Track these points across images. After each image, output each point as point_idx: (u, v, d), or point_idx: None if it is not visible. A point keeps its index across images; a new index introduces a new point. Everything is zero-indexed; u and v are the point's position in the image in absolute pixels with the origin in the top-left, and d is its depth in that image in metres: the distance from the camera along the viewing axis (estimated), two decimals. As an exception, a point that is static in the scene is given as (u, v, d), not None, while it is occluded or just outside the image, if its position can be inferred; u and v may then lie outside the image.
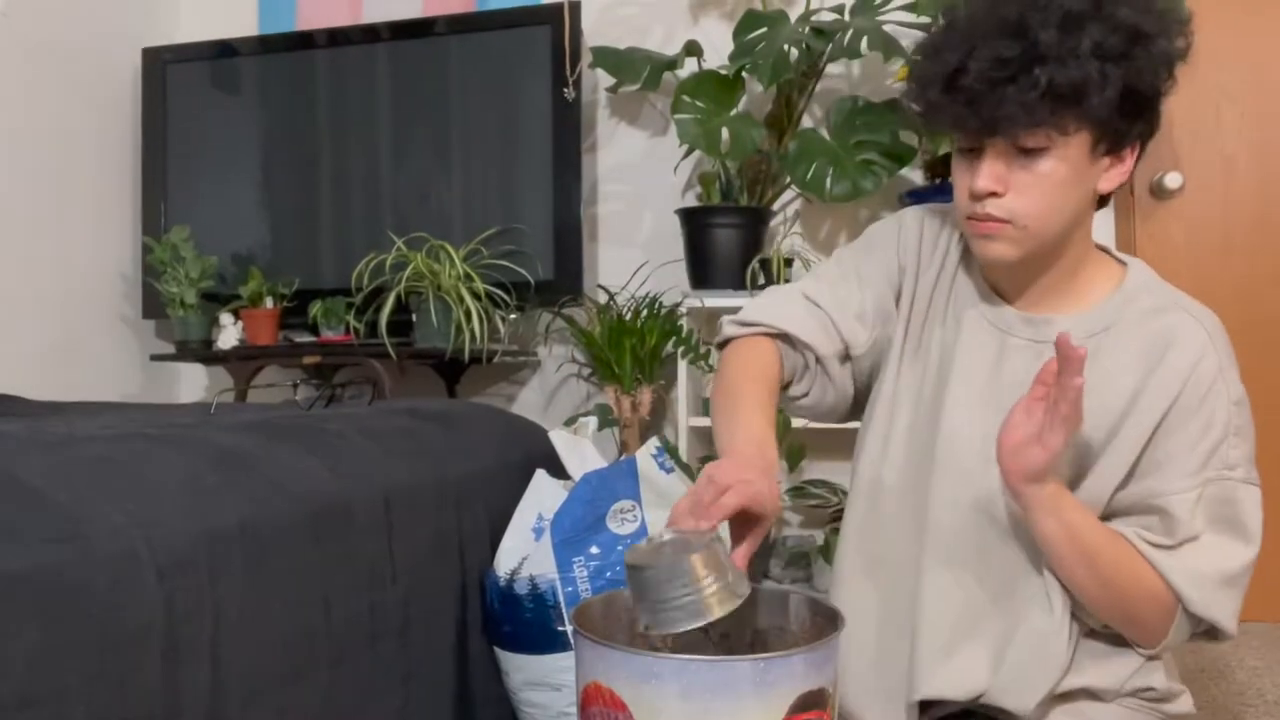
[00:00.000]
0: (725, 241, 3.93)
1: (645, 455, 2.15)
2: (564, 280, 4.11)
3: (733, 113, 3.94)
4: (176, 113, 4.68)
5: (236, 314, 4.41)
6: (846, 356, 2.02)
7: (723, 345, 2.05)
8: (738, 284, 3.85)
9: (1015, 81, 1.67)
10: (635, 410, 3.89)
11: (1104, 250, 1.95)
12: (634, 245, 4.42)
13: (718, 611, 1.49)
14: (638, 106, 4.46)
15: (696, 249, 3.98)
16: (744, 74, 3.91)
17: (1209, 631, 1.81)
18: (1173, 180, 4.04)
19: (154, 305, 4.57)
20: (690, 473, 2.83)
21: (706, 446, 3.93)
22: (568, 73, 4.09)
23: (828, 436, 4.00)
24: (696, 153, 4.13)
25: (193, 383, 4.99)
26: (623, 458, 1.93)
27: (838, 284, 2.03)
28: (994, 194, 1.76)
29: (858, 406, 2.10)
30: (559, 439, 2.34)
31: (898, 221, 2.08)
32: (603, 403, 4.13)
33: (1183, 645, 1.88)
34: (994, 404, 1.85)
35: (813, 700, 1.43)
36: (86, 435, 1.72)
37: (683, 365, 3.77)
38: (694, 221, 4.00)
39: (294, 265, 4.48)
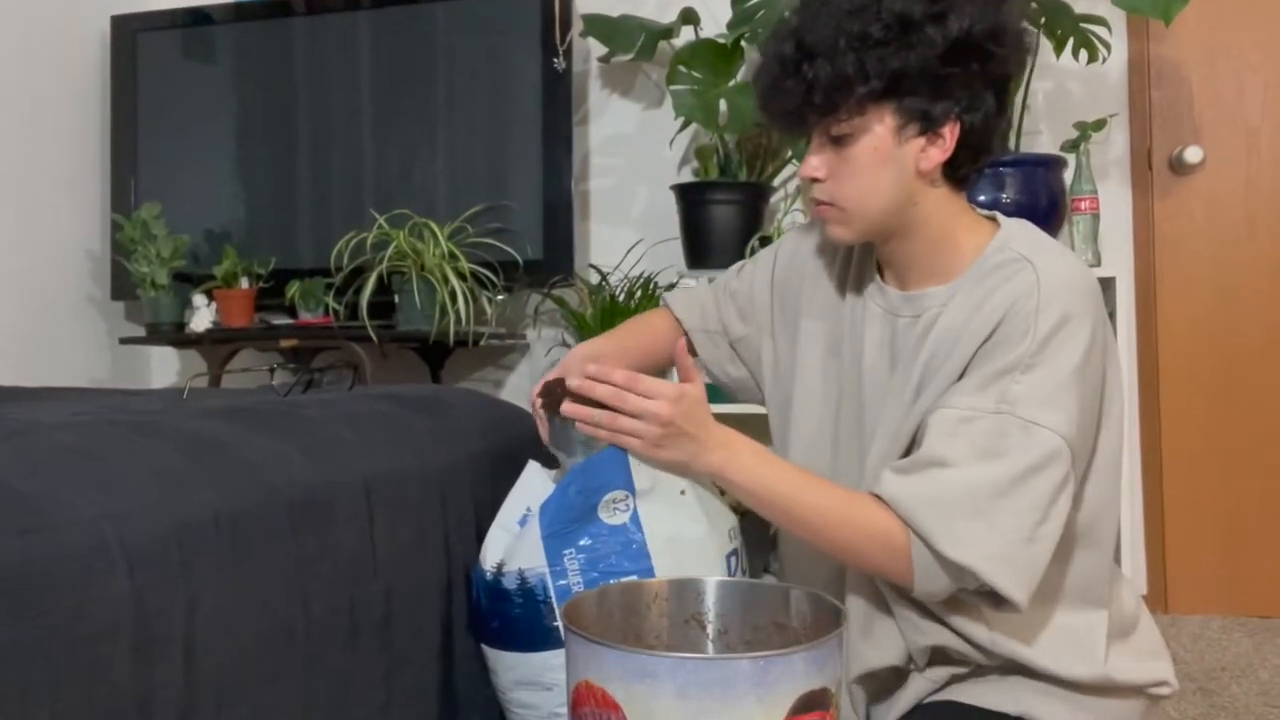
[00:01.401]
0: (723, 219, 3.94)
1: None
2: (554, 259, 4.11)
3: (731, 83, 3.93)
4: (147, 84, 4.67)
5: (210, 295, 4.41)
6: (724, 335, 2.33)
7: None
8: (736, 262, 3.84)
9: (790, 79, 1.88)
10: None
11: (989, 218, 2.02)
12: (627, 223, 4.42)
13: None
14: (631, 77, 4.46)
15: (693, 226, 3.99)
16: (743, 43, 3.91)
17: (991, 593, 1.82)
18: (1193, 154, 4.04)
19: (124, 286, 4.57)
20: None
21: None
22: (558, 42, 4.09)
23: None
24: (693, 126, 4.13)
25: (164, 367, 4.99)
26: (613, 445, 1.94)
27: (737, 277, 2.34)
28: (816, 179, 1.95)
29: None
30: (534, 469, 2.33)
31: (783, 238, 2.31)
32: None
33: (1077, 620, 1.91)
34: (900, 386, 1.96)
35: (815, 700, 1.43)
36: (53, 422, 1.72)
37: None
38: (690, 198, 4.00)
39: (270, 244, 4.49)
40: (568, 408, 1.92)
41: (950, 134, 1.88)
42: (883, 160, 1.88)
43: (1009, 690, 1.93)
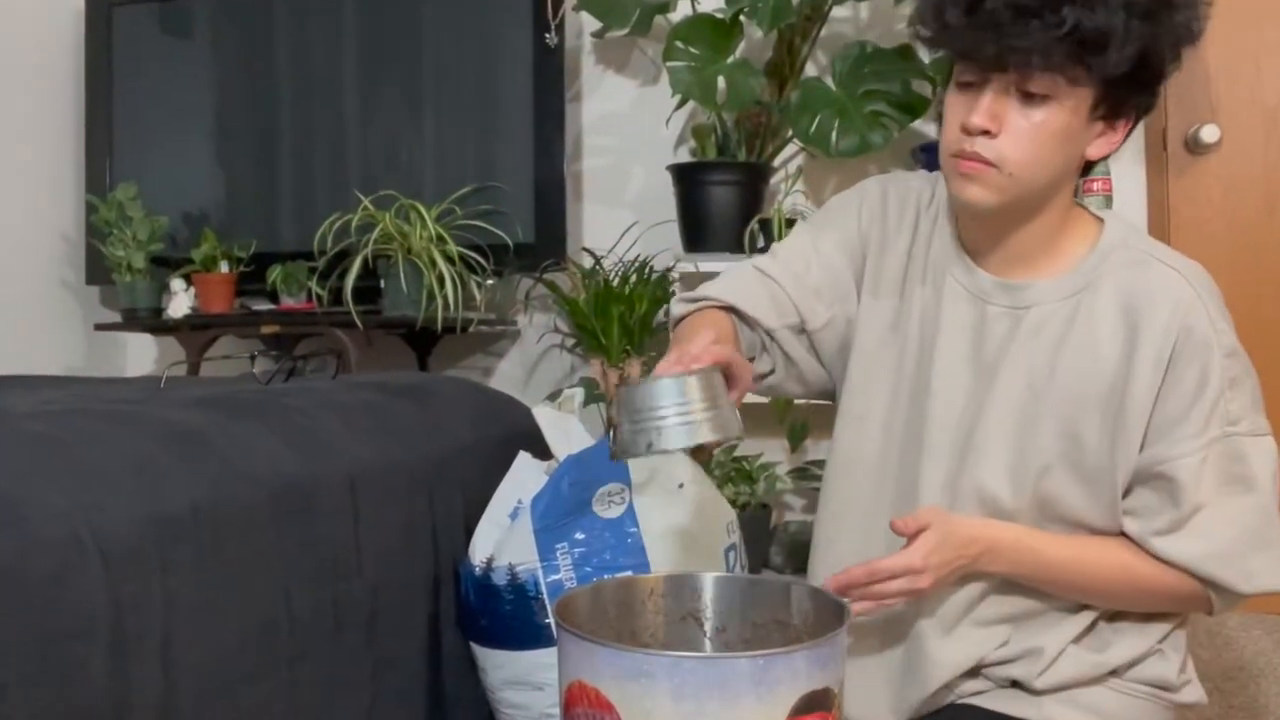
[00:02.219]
0: (722, 200, 3.93)
1: None
2: (546, 243, 4.10)
3: (730, 60, 3.92)
4: (123, 60, 4.66)
5: (188, 279, 4.40)
6: (802, 330, 2.10)
7: (675, 326, 2.15)
8: (735, 246, 3.84)
9: (1040, 17, 1.71)
10: (623, 384, 3.89)
11: (1081, 207, 2.00)
12: (622, 205, 4.42)
13: (708, 435, 1.57)
14: (626, 53, 4.46)
15: (690, 209, 3.98)
16: (742, 18, 3.90)
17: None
18: (1209, 134, 4.03)
19: (98, 270, 4.56)
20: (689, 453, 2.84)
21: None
22: (550, 16, 4.08)
23: (832, 413, 4.00)
24: (690, 104, 4.12)
25: (141, 354, 4.99)
26: (609, 437, 1.93)
27: (793, 257, 2.12)
28: (986, 133, 1.81)
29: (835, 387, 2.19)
30: (543, 416, 2.33)
31: (859, 192, 2.15)
32: (588, 376, 4.13)
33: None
34: (979, 376, 1.94)
35: (817, 701, 1.43)
36: (24, 412, 1.72)
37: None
38: (688, 179, 3.99)
39: (251, 226, 4.47)
40: (836, 582, 1.77)
41: (1124, 127, 1.86)
42: (1068, 134, 1.81)
43: (1029, 700, 1.93)
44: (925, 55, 3.68)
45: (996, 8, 1.73)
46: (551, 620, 1.89)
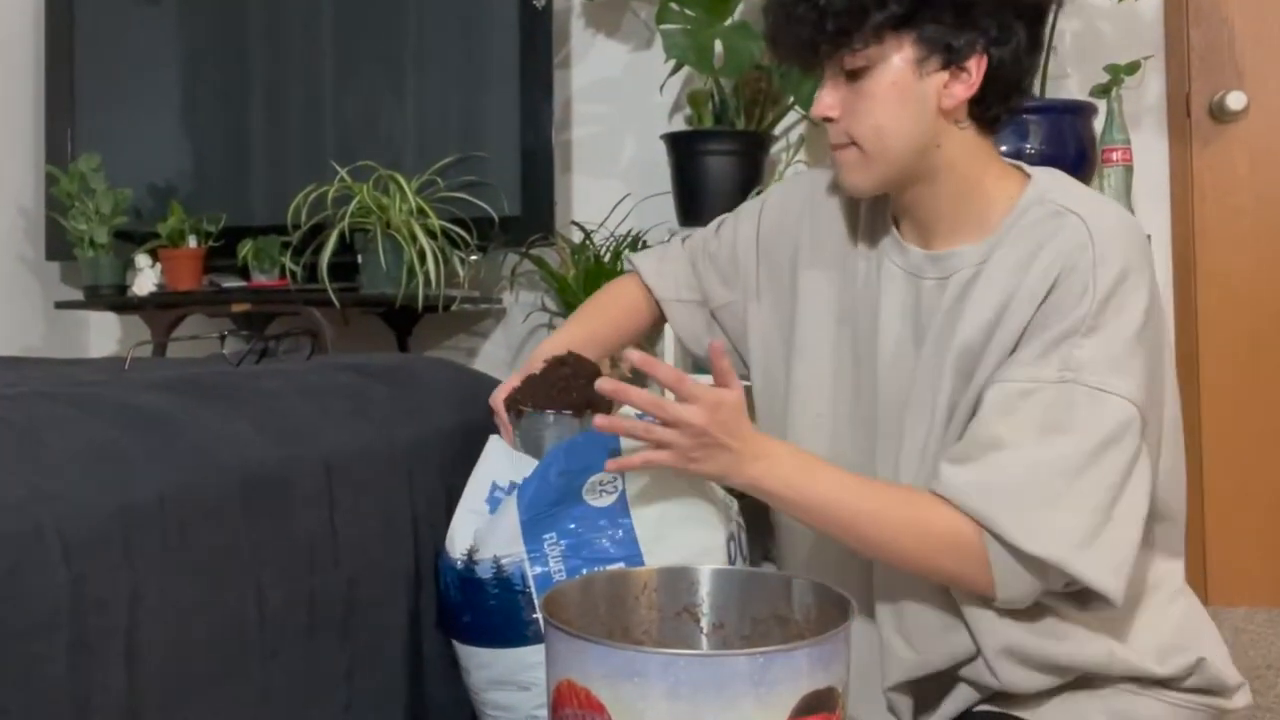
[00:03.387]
0: (719, 171, 3.93)
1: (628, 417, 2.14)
2: (533, 216, 4.10)
3: (727, 22, 3.93)
4: (85, 23, 4.66)
5: (154, 255, 4.40)
6: (703, 304, 2.35)
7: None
8: (733, 220, 3.84)
9: (801, 5, 1.87)
10: (615, 366, 3.89)
11: (1015, 166, 2.01)
12: (614, 175, 4.42)
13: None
14: (618, 16, 4.45)
15: (686, 179, 3.98)
16: (740, -23, 3.90)
17: (1080, 594, 1.82)
18: (1235, 100, 4.03)
19: (59, 245, 4.56)
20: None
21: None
22: (537, -24, 4.08)
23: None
24: (686, 69, 4.12)
25: (104, 334, 4.99)
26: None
27: (714, 237, 2.33)
28: (829, 119, 1.95)
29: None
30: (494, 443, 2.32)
31: (787, 183, 2.33)
32: (577, 357, 4.13)
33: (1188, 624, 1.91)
34: (917, 352, 1.96)
35: (819, 701, 1.43)
36: (-19, 395, 1.71)
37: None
38: (683, 148, 3.99)
39: (221, 199, 4.47)
40: (602, 420, 1.85)
41: (976, 68, 1.87)
42: (902, 95, 1.87)
43: (1064, 704, 1.92)
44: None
45: (774, 17, 1.94)
46: (539, 616, 1.89)
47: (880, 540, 1.82)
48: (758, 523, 2.20)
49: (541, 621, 1.64)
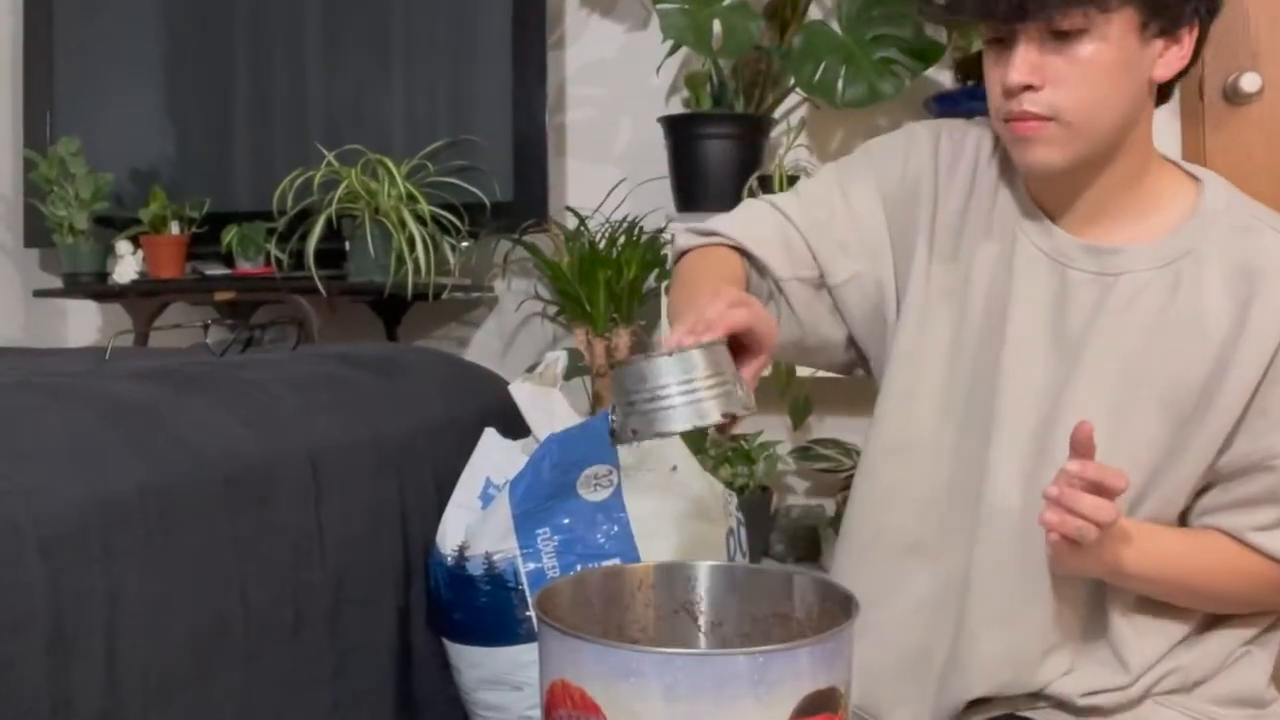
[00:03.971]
0: (718, 155, 3.92)
1: None
2: (526, 202, 4.09)
3: (726, 2, 3.92)
4: (64, 3, 4.64)
5: (135, 241, 4.39)
6: (821, 284, 2.06)
7: (679, 259, 2.12)
8: (732, 205, 3.79)
9: None
10: (610, 355, 3.89)
11: (1171, 162, 1.95)
12: (609, 160, 4.41)
13: (715, 413, 1.53)
14: (614, -6, 4.45)
15: (684, 164, 3.97)
16: (740, -45, 3.89)
17: None
18: (1250, 82, 4.02)
19: (38, 231, 4.55)
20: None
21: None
22: (530, -47, 4.08)
23: (839, 387, 4.00)
24: (683, 50, 4.11)
25: (84, 323, 4.98)
26: (609, 415, 1.93)
27: (817, 202, 2.08)
28: (1030, 88, 1.78)
29: (855, 357, 2.14)
30: (522, 392, 2.31)
31: (906, 136, 2.10)
32: (572, 347, 4.12)
33: None
34: (1060, 353, 1.88)
35: (821, 702, 1.43)
36: (-45, 386, 1.71)
37: (667, 302, 3.75)
38: (680, 132, 3.98)
39: (204, 184, 4.46)
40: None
41: (1189, 36, 1.82)
42: (1122, 63, 1.77)
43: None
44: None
45: None
46: (532, 614, 1.88)
47: (1217, 596, 1.89)
48: (757, 519, 2.18)
49: (534, 619, 1.64)
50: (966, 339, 1.97)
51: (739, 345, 1.65)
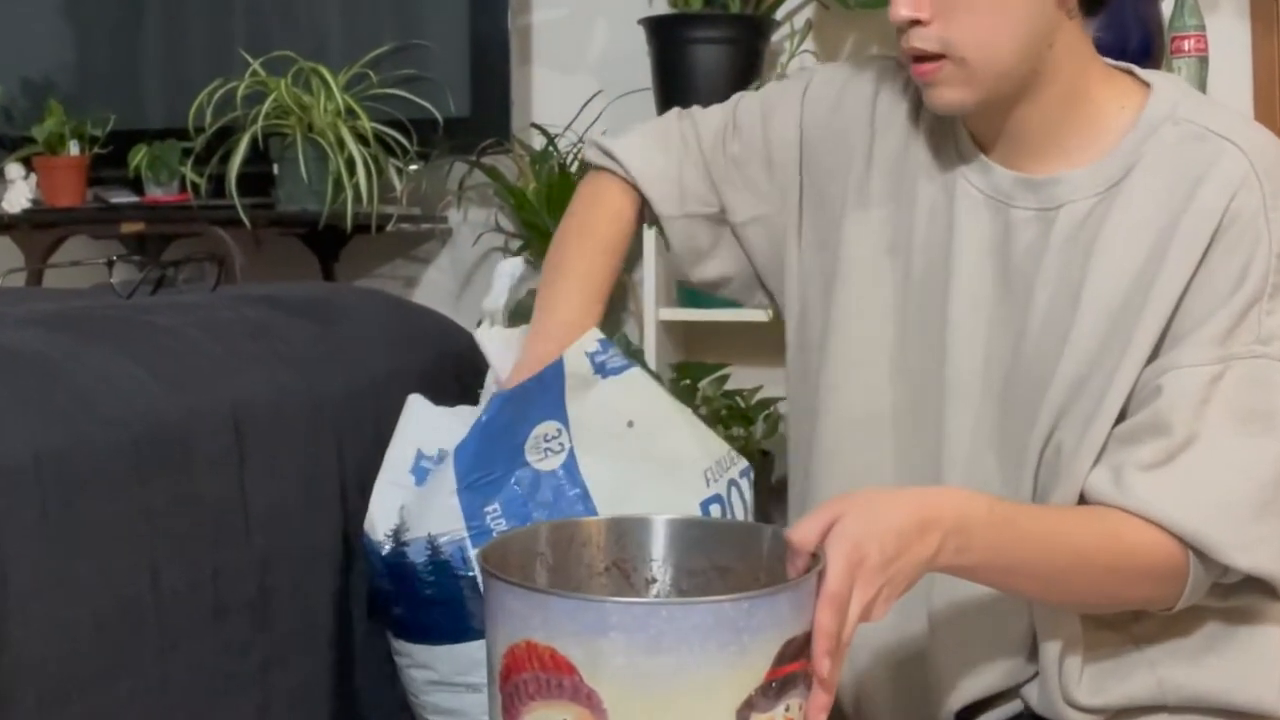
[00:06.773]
0: (710, 62, 3.93)
1: (577, 354, 2.09)
2: (484, 117, 4.10)
3: (718, -118, 3.92)
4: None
5: (28, 164, 4.39)
6: (722, 219, 2.20)
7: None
8: (726, 123, 3.84)
9: None
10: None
11: (1124, 70, 1.96)
12: (582, 69, 4.41)
13: None
14: (587, -127, 4.44)
15: (669, 73, 3.98)
16: None
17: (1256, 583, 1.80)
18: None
19: (-87, 153, 4.55)
20: (661, 382, 2.85)
21: (682, 345, 3.94)
22: None
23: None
24: (670, -61, 4.12)
25: (-32, 260, 4.98)
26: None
27: (738, 132, 2.19)
28: (917, 22, 1.81)
29: (762, 294, 2.25)
30: (490, 338, 2.27)
31: (851, 72, 2.18)
32: (535, 287, 4.13)
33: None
34: (1009, 301, 1.91)
35: (798, 649, 1.48)
36: None
37: (650, 237, 3.75)
38: (666, 35, 3.99)
39: (108, 97, 4.46)
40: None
41: None
42: None
43: None
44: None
45: None
46: (477, 572, 1.88)
47: (1083, 583, 1.79)
48: (755, 486, 2.19)
49: (480, 576, 1.65)
50: (913, 295, 2.01)
51: None
